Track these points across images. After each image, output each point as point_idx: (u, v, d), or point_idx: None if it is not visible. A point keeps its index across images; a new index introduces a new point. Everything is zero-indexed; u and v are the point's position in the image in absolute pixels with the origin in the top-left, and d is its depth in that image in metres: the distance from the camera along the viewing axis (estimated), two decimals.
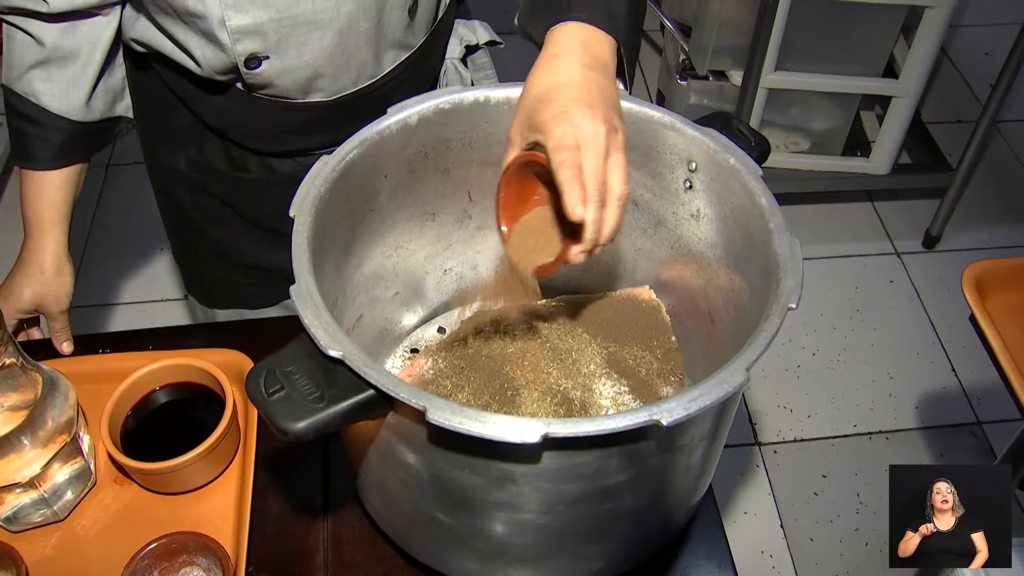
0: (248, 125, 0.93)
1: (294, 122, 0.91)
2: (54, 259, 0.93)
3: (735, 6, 1.97)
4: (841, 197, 2.28)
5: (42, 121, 0.89)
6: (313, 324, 0.60)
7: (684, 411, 0.56)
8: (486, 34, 1.05)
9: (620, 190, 0.64)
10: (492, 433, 0.54)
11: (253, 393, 0.59)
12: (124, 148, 2.40)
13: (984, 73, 2.59)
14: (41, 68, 0.88)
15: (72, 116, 0.90)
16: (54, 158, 0.91)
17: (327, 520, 0.83)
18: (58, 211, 0.93)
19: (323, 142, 0.94)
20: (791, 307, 0.63)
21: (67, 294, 0.95)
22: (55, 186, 0.92)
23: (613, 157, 0.64)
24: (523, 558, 0.71)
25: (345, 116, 0.91)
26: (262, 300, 1.11)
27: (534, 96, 0.68)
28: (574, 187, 0.62)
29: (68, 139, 0.90)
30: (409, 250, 0.87)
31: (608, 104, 0.66)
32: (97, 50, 0.89)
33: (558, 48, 0.69)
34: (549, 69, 0.68)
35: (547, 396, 0.76)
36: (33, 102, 0.88)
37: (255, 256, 1.05)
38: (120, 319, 2.04)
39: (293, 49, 0.83)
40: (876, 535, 1.67)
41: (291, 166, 0.96)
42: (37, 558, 0.79)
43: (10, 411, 0.75)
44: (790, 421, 1.86)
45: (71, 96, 0.89)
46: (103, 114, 0.93)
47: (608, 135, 0.64)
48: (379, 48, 0.88)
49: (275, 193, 0.98)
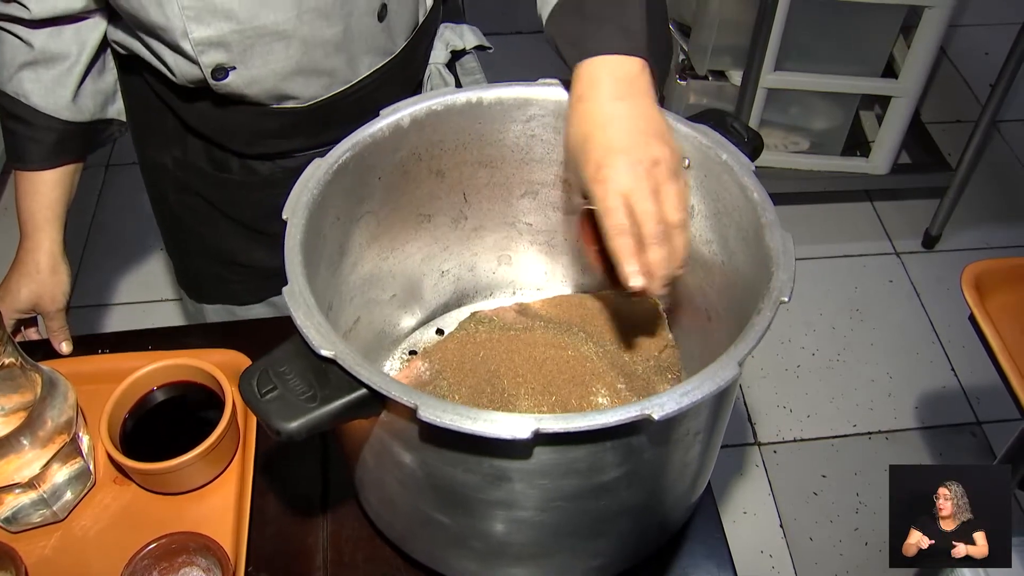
0: (226, 129, 0.94)
1: (270, 127, 0.92)
2: (49, 258, 0.94)
3: (734, 6, 1.97)
4: (841, 197, 2.28)
5: (32, 121, 0.90)
6: (305, 324, 0.60)
7: (676, 405, 0.56)
8: (475, 39, 1.04)
9: (675, 218, 0.65)
10: (483, 429, 0.55)
11: (246, 393, 0.59)
12: (124, 148, 2.40)
13: (984, 73, 2.59)
14: (30, 69, 0.88)
15: (61, 116, 0.91)
16: (46, 158, 0.91)
17: (326, 520, 0.83)
18: (52, 211, 0.93)
19: (302, 145, 0.95)
20: (783, 300, 0.63)
21: (64, 293, 0.96)
22: (48, 186, 0.92)
23: (663, 189, 0.64)
24: (521, 557, 0.71)
25: (323, 120, 0.92)
26: (248, 297, 1.12)
27: (572, 148, 0.68)
28: (626, 260, 0.64)
29: (59, 139, 0.91)
30: (405, 252, 0.87)
31: (642, 134, 0.65)
32: (84, 52, 0.90)
33: (582, 90, 0.69)
34: (579, 115, 0.68)
35: (544, 396, 0.76)
36: (23, 102, 0.89)
37: (240, 254, 1.06)
38: (119, 319, 2.04)
39: (258, 59, 0.83)
40: (876, 535, 1.67)
41: (271, 168, 0.97)
42: (36, 558, 0.79)
43: (9, 411, 0.76)
44: (790, 421, 1.86)
45: (57, 95, 0.90)
46: (93, 115, 0.94)
47: (649, 173, 0.64)
48: (351, 54, 0.88)
49: (257, 194, 0.99)
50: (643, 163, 0.64)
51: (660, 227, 0.64)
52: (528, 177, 0.87)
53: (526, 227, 0.91)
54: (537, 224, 0.91)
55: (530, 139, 0.83)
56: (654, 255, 0.64)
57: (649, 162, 0.64)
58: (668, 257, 0.64)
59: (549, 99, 0.80)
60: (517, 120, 0.82)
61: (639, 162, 0.64)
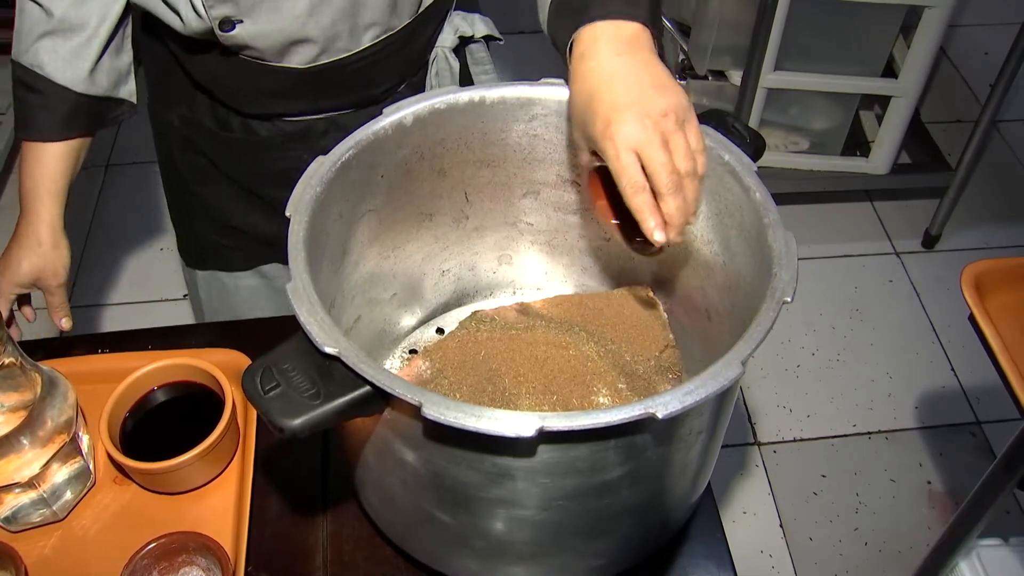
0: (229, 85, 0.96)
1: (270, 85, 0.94)
2: (50, 231, 0.93)
3: (734, 6, 1.97)
4: (840, 197, 2.28)
5: (45, 91, 0.90)
6: (309, 321, 0.60)
7: (680, 404, 0.56)
8: (485, 28, 1.05)
9: (685, 166, 0.65)
10: (488, 427, 0.55)
11: (249, 390, 0.59)
12: (124, 148, 2.41)
13: (983, 73, 2.59)
14: (48, 38, 0.89)
15: (76, 87, 0.91)
16: (56, 128, 0.91)
17: (326, 520, 0.83)
18: (56, 184, 0.93)
19: (300, 108, 0.97)
20: (786, 301, 0.63)
21: (64, 267, 0.95)
22: (55, 158, 0.92)
23: (672, 140, 0.65)
24: (523, 556, 0.71)
25: (321, 86, 0.94)
26: (241, 263, 1.14)
27: (580, 107, 0.69)
28: (646, 215, 0.64)
29: (70, 110, 0.91)
30: (406, 251, 0.87)
31: (647, 87, 0.66)
32: (104, 25, 0.90)
33: (583, 48, 0.70)
34: (581, 73, 0.69)
35: (545, 395, 0.76)
36: (38, 72, 0.89)
37: (236, 217, 1.09)
38: (119, 319, 2.04)
39: (265, 14, 0.85)
40: (876, 535, 1.67)
41: (270, 129, 0.99)
42: (36, 558, 0.79)
43: (9, 411, 0.76)
44: (789, 421, 1.86)
45: (74, 67, 0.90)
46: (106, 91, 0.94)
47: (657, 125, 0.64)
48: (355, 23, 0.90)
49: (256, 154, 1.01)
50: (651, 116, 0.65)
51: (673, 177, 0.64)
52: (530, 177, 0.87)
53: (527, 227, 0.91)
54: (538, 224, 0.91)
55: (532, 139, 0.83)
56: (668, 206, 0.64)
57: (657, 114, 0.65)
58: (682, 206, 0.65)
59: (552, 99, 0.80)
60: (520, 120, 0.82)
61: (647, 115, 0.64)
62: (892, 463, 1.78)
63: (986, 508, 1.11)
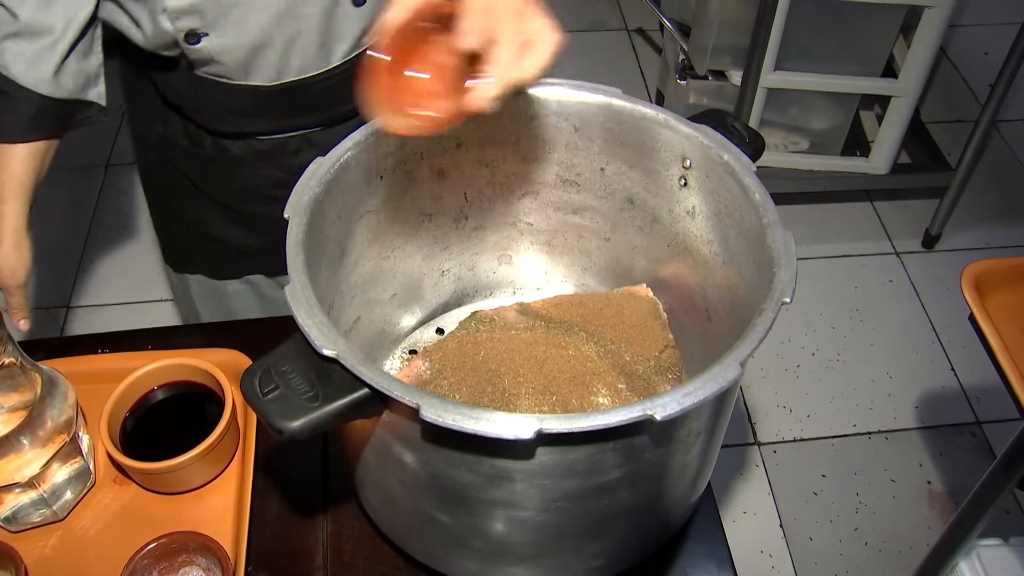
0: (195, 103, 0.96)
1: (236, 104, 0.93)
2: (13, 232, 0.92)
3: (734, 6, 1.97)
4: (840, 197, 2.28)
5: (10, 92, 0.89)
6: (307, 323, 0.60)
7: (678, 406, 0.56)
8: None
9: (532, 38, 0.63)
10: (486, 430, 0.55)
11: (248, 393, 0.59)
12: (124, 148, 2.40)
13: (983, 73, 2.59)
14: (13, 40, 0.87)
15: (40, 90, 0.89)
16: (20, 130, 0.90)
17: (326, 520, 0.83)
18: (21, 184, 0.91)
19: (268, 127, 0.97)
20: (785, 301, 0.63)
21: (25, 267, 0.94)
22: (19, 159, 0.91)
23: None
24: (522, 557, 0.71)
25: (287, 104, 0.94)
26: (226, 271, 1.15)
27: None
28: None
29: (35, 112, 0.90)
30: (406, 252, 0.87)
31: None
32: (70, 29, 0.89)
33: None
34: None
35: (545, 395, 0.76)
36: (3, 74, 0.88)
37: (216, 229, 1.09)
38: (119, 319, 2.03)
39: (231, 27, 0.85)
40: (876, 535, 1.67)
41: (242, 148, 0.99)
42: (36, 558, 0.79)
43: (9, 411, 0.76)
44: (789, 421, 1.86)
45: (39, 69, 0.89)
46: (72, 93, 0.93)
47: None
48: (327, 39, 0.89)
49: (229, 172, 1.01)
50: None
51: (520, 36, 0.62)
52: (529, 177, 0.87)
53: (527, 227, 0.91)
54: (538, 224, 0.91)
55: (532, 139, 0.83)
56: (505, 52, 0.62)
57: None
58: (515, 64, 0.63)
59: (551, 99, 0.80)
60: (519, 120, 0.82)
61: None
62: (892, 463, 1.78)
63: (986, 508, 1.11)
